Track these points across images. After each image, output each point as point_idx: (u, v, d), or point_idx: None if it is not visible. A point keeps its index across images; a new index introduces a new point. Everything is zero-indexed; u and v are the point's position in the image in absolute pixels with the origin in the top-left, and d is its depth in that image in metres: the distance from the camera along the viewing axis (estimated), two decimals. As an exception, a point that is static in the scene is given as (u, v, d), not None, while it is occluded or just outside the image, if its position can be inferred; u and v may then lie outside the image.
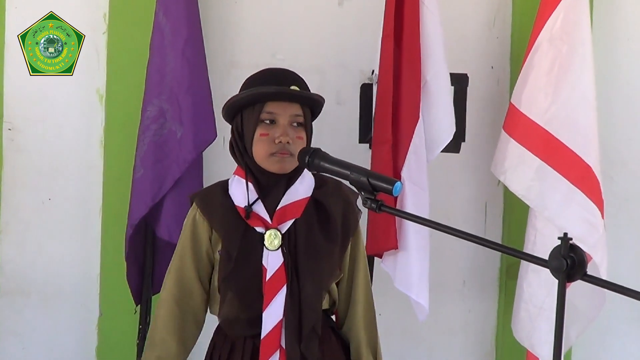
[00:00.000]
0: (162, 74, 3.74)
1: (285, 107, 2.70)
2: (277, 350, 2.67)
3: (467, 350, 4.37)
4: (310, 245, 2.71)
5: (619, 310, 4.21)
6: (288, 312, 2.67)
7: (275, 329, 2.67)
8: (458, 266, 4.30)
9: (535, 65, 3.86)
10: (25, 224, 4.05)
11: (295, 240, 2.71)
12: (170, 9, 3.73)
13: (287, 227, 2.71)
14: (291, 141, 2.67)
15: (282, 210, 2.71)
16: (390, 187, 2.37)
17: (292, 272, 2.69)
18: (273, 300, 2.67)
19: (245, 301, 2.70)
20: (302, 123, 2.72)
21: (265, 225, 2.70)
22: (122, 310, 3.95)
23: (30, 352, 4.06)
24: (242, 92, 2.75)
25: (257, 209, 2.71)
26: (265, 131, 2.69)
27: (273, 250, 2.68)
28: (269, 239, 2.69)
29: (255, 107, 2.71)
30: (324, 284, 2.74)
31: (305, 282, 2.69)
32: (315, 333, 2.71)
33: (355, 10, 4.19)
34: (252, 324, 2.69)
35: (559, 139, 3.78)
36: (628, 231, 4.33)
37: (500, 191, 4.32)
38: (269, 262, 2.68)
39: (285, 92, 2.70)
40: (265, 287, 2.67)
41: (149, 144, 3.72)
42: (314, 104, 2.77)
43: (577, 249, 1.94)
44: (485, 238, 2.22)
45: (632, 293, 1.88)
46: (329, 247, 2.73)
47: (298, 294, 2.68)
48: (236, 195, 2.74)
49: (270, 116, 2.69)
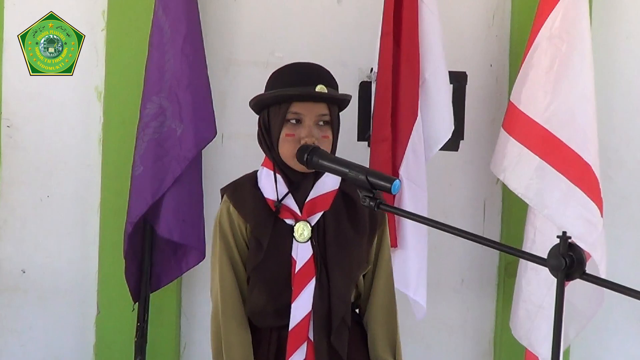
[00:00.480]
0: (161, 71, 3.74)
1: (311, 108, 2.71)
2: (305, 342, 2.70)
3: (466, 349, 4.37)
4: (339, 237, 2.73)
5: (617, 309, 4.21)
6: (317, 304, 2.69)
7: (304, 320, 2.70)
8: (456, 264, 4.30)
9: (534, 63, 3.85)
10: (23, 221, 4.05)
11: (325, 232, 2.73)
12: (170, 6, 3.73)
13: (317, 219, 2.74)
14: (317, 141, 2.69)
15: (312, 203, 2.73)
16: (388, 185, 2.37)
17: (321, 264, 2.71)
18: (302, 292, 2.70)
19: (273, 292, 2.72)
20: (328, 122, 2.73)
21: (295, 218, 2.73)
22: (120, 308, 3.95)
23: (28, 349, 4.06)
24: (267, 93, 2.76)
25: (287, 202, 2.74)
26: (291, 131, 2.70)
27: (303, 242, 2.71)
28: (298, 231, 2.72)
29: (282, 106, 2.72)
30: (353, 275, 2.76)
31: (334, 273, 2.71)
32: (345, 324, 2.74)
33: (354, 8, 4.19)
34: (280, 315, 2.71)
35: (559, 137, 3.77)
36: (626, 230, 4.33)
37: (498, 189, 4.32)
38: (299, 254, 2.71)
39: (310, 94, 2.71)
40: (295, 279, 2.70)
41: (149, 142, 3.72)
42: (339, 102, 2.78)
43: (576, 248, 1.94)
44: (483, 236, 2.22)
45: (630, 292, 1.88)
46: (358, 239, 2.76)
47: (327, 285, 2.71)
48: (266, 188, 2.76)
49: (296, 116, 2.71)
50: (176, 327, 4.10)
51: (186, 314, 4.13)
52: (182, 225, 3.75)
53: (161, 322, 3.99)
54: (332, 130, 2.74)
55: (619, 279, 2.25)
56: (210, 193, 3.97)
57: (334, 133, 2.75)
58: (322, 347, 2.69)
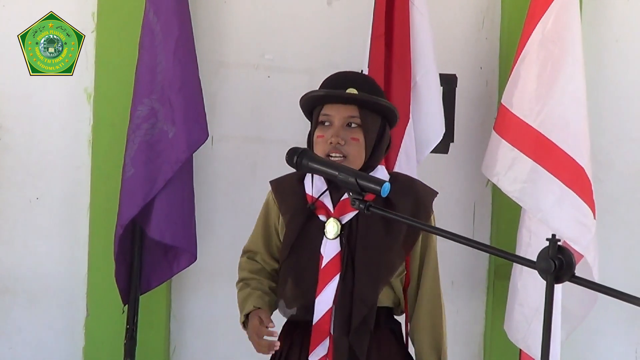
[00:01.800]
0: (152, 73, 3.73)
1: (339, 109, 2.77)
2: (327, 337, 2.73)
3: (455, 351, 4.35)
4: (370, 239, 2.75)
5: (607, 311, 4.21)
6: (338, 301, 2.71)
7: (326, 315, 2.72)
8: (446, 267, 4.25)
9: (526, 66, 3.85)
10: (12, 222, 4.04)
11: (356, 232, 2.75)
12: (161, 8, 3.72)
13: (349, 218, 2.76)
14: (342, 142, 2.73)
15: (346, 202, 2.73)
16: (378, 188, 2.37)
17: (347, 262, 2.73)
18: (325, 288, 2.73)
19: (301, 286, 2.76)
20: (359, 125, 2.76)
21: (328, 214, 2.77)
22: (110, 310, 3.94)
23: (17, 352, 4.05)
24: (306, 93, 2.83)
25: (323, 199, 2.78)
26: (322, 133, 2.77)
27: (331, 239, 2.75)
28: (327, 228, 2.75)
29: (317, 109, 2.80)
30: (380, 278, 2.76)
31: (359, 274, 2.73)
32: (366, 326, 2.73)
33: (345, 10, 4.19)
34: (308, 310, 2.74)
35: (552, 140, 3.78)
36: (616, 232, 4.33)
37: (488, 192, 4.32)
38: (326, 250, 2.74)
39: (332, 95, 2.77)
40: (320, 274, 2.74)
41: (140, 144, 3.71)
42: (373, 106, 2.79)
43: (565, 251, 1.94)
44: (473, 239, 2.22)
45: (620, 295, 1.88)
46: (390, 242, 2.77)
47: (351, 284, 2.73)
48: (308, 185, 2.82)
49: (326, 118, 2.78)
50: (166, 330, 4.09)
51: (176, 316, 4.12)
52: (174, 227, 3.74)
53: (151, 324, 3.98)
54: (365, 135, 2.77)
55: (608, 282, 2.25)
56: (200, 195, 3.97)
57: (367, 138, 2.77)
58: (342, 344, 2.71)
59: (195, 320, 4.13)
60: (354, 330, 2.71)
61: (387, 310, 2.85)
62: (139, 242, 3.81)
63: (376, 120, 2.81)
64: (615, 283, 2.17)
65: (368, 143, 2.78)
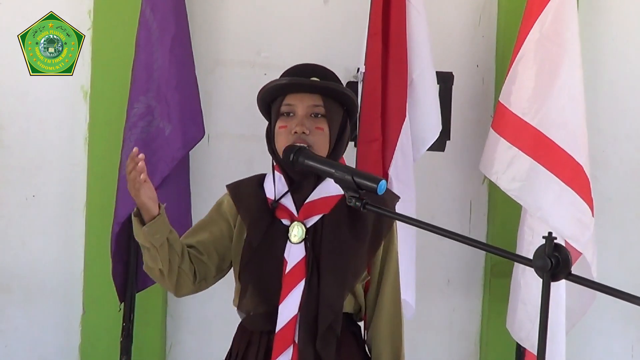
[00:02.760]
0: (149, 71, 3.73)
1: (303, 98, 2.67)
2: (291, 346, 2.62)
3: (451, 349, 4.38)
4: (336, 243, 2.66)
5: (604, 309, 4.21)
6: (304, 308, 2.61)
7: (290, 323, 2.62)
8: (442, 265, 4.30)
9: (524, 64, 3.85)
10: (8, 220, 4.04)
11: (321, 236, 2.66)
12: (158, 5, 3.72)
13: (314, 221, 2.67)
14: (307, 131, 2.64)
15: (310, 205, 2.67)
16: (375, 185, 2.36)
17: (312, 267, 2.64)
18: (290, 294, 2.62)
19: (263, 293, 2.66)
20: (324, 114, 2.68)
21: (292, 218, 2.67)
22: (106, 308, 3.94)
23: (13, 349, 4.05)
24: (264, 85, 2.74)
25: (285, 202, 2.68)
26: (284, 123, 2.67)
27: (296, 243, 2.65)
28: (292, 232, 2.65)
29: (277, 101, 2.71)
30: (346, 283, 2.66)
31: (325, 278, 2.63)
32: (332, 332, 2.64)
33: (340, 8, 4.19)
34: (270, 318, 2.64)
35: (550, 138, 3.77)
36: (612, 231, 4.34)
37: (485, 190, 4.33)
38: (290, 255, 2.64)
39: (297, 83, 2.68)
40: (284, 280, 2.63)
41: (136, 141, 3.70)
42: (335, 94, 2.71)
43: (562, 248, 1.94)
44: (470, 237, 2.22)
45: (616, 293, 1.88)
46: (356, 246, 2.68)
47: (317, 290, 2.63)
48: (268, 188, 2.73)
49: (288, 108, 2.68)
50: (162, 327, 4.09)
51: (172, 314, 4.12)
52: (170, 225, 3.74)
53: (147, 322, 3.98)
54: (329, 124, 2.68)
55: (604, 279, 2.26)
56: (195, 193, 3.97)
57: (331, 128, 2.69)
58: (308, 353, 2.61)
59: (191, 318, 4.13)
60: (320, 337, 2.61)
61: (348, 316, 2.74)
62: (135, 240, 3.80)
63: (339, 111, 2.73)
64: (611, 281, 2.17)
65: (332, 133, 2.69)
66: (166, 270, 2.65)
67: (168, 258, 2.63)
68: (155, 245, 2.60)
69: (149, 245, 2.61)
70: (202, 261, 2.71)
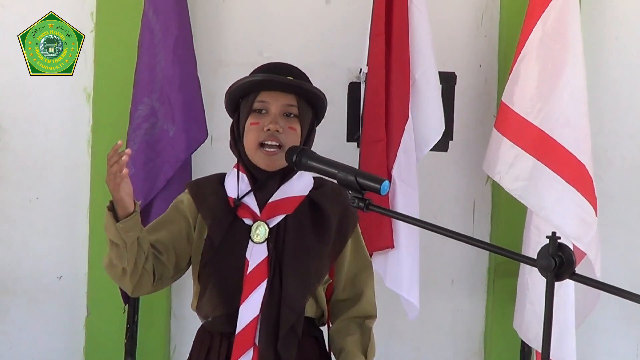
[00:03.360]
0: (152, 72, 3.73)
1: (277, 97, 2.64)
2: (251, 348, 2.57)
3: (455, 349, 4.37)
4: (299, 243, 2.61)
5: (607, 309, 4.21)
6: (265, 309, 2.56)
7: (251, 325, 2.57)
8: (446, 265, 4.30)
9: (527, 64, 3.85)
10: (11, 222, 4.04)
11: (284, 237, 2.62)
12: (160, 7, 3.73)
13: (277, 222, 2.63)
14: (281, 130, 2.60)
15: (273, 205, 2.63)
16: (377, 186, 2.36)
17: (274, 268, 2.59)
18: (251, 295, 2.57)
19: (224, 293, 2.61)
20: (297, 115, 2.65)
21: (254, 218, 2.63)
22: (110, 309, 3.94)
23: (17, 351, 4.05)
24: (236, 82, 2.70)
25: (248, 201, 2.64)
26: (256, 120, 2.63)
27: (258, 243, 2.60)
28: (255, 232, 2.61)
29: (250, 97, 2.66)
30: (309, 284, 2.62)
31: (288, 279, 2.59)
32: (294, 334, 2.60)
33: (343, 8, 4.19)
34: (231, 320, 2.59)
35: (553, 137, 3.77)
36: (615, 230, 4.33)
37: (488, 190, 4.32)
38: (252, 255, 2.59)
39: (274, 80, 2.64)
40: (245, 281, 2.58)
41: (140, 143, 3.71)
42: (308, 95, 2.68)
43: (566, 248, 1.94)
44: (473, 237, 2.21)
45: (620, 292, 1.88)
46: (319, 248, 2.63)
47: (279, 291, 2.58)
48: (230, 187, 2.69)
49: (262, 105, 2.64)
50: (166, 329, 4.09)
51: (176, 315, 4.12)
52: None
53: (151, 323, 3.98)
54: (301, 125, 2.65)
55: (607, 279, 2.25)
56: (199, 194, 3.96)
57: (303, 129, 2.66)
58: (268, 355, 2.56)
59: (195, 319, 4.10)
60: (282, 338, 2.56)
61: (310, 320, 2.69)
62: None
63: (310, 113, 2.70)
64: (615, 280, 2.17)
65: (303, 135, 2.66)
66: (130, 269, 2.57)
67: (135, 257, 2.56)
68: (126, 242, 2.53)
69: (119, 242, 2.53)
70: (160, 260, 2.63)
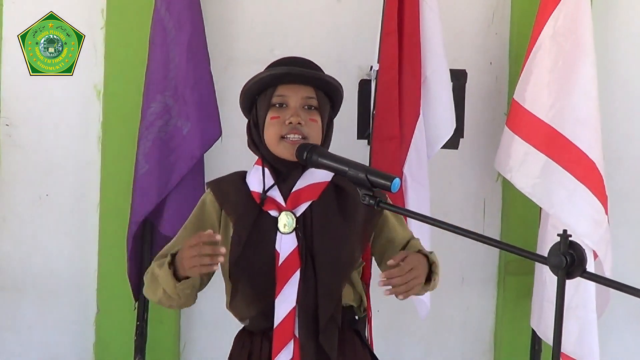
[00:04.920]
0: (166, 69, 3.73)
1: (296, 90, 2.63)
2: (291, 340, 2.54)
3: (466, 347, 4.37)
4: (327, 228, 2.59)
5: (617, 307, 4.20)
6: (302, 299, 2.53)
7: (289, 317, 2.53)
8: (457, 263, 4.30)
9: (538, 61, 3.85)
10: (22, 219, 4.04)
11: (312, 224, 2.59)
12: (173, 4, 3.72)
13: (303, 210, 2.60)
14: (302, 122, 2.60)
15: (297, 193, 2.62)
16: (388, 183, 2.36)
17: (306, 256, 2.56)
18: (285, 286, 2.54)
19: (257, 289, 2.58)
20: (316, 107, 2.65)
21: (279, 209, 2.61)
22: (120, 306, 3.94)
23: (27, 348, 4.06)
24: (252, 79, 2.69)
25: (272, 193, 2.62)
26: (276, 114, 2.62)
27: (286, 233, 2.58)
28: (282, 222, 2.59)
29: (267, 92, 2.65)
30: (343, 270, 2.59)
31: (321, 266, 2.55)
32: (334, 323, 2.57)
33: (353, 6, 4.19)
34: (267, 316, 2.56)
35: (565, 135, 3.77)
36: (625, 228, 4.33)
37: (498, 187, 4.32)
38: (282, 246, 2.57)
39: (292, 73, 2.63)
40: (278, 273, 2.55)
41: (154, 140, 3.71)
42: (327, 87, 2.67)
43: (577, 246, 1.93)
44: (484, 235, 2.21)
45: (630, 290, 1.87)
46: (349, 232, 2.60)
47: (314, 279, 2.54)
48: (253, 182, 2.67)
49: (281, 99, 2.63)
50: (176, 326, 4.09)
51: (186, 312, 4.13)
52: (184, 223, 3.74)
53: (161, 320, 3.99)
54: (321, 117, 2.65)
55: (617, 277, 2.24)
56: (209, 192, 3.97)
57: (323, 120, 2.65)
58: (310, 346, 2.53)
59: (205, 316, 4.13)
60: (322, 329, 2.53)
61: (349, 310, 2.67)
62: (148, 239, 3.81)
63: (328, 105, 2.70)
64: (624, 278, 2.16)
65: (323, 127, 2.66)
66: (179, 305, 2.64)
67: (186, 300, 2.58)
68: (181, 297, 2.54)
69: (174, 296, 2.54)
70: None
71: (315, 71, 2.67)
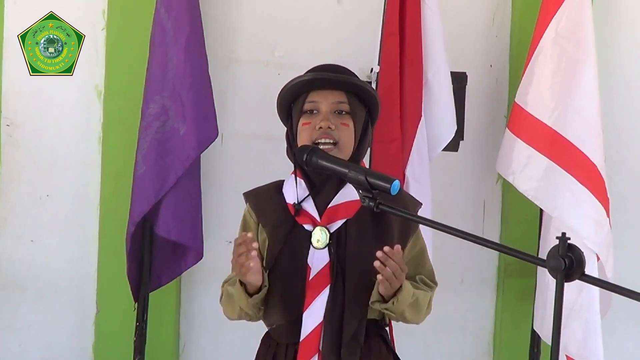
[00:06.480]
0: (164, 70, 3.73)
1: (326, 95, 2.64)
2: (316, 354, 2.55)
3: (465, 349, 4.37)
4: (361, 248, 2.58)
5: (617, 310, 4.19)
6: (328, 315, 2.55)
7: (315, 332, 2.55)
8: (456, 265, 4.29)
9: (540, 64, 3.84)
10: (22, 219, 4.05)
11: (345, 242, 2.59)
12: (172, 4, 3.72)
13: (337, 226, 2.60)
14: (333, 126, 2.60)
15: (333, 209, 2.61)
16: (388, 185, 2.36)
17: (337, 273, 2.56)
18: (314, 301, 2.56)
19: (287, 301, 2.59)
20: (348, 112, 2.64)
21: (314, 223, 2.60)
22: (120, 307, 3.95)
23: (27, 348, 4.06)
24: (284, 86, 2.70)
25: (307, 207, 2.62)
26: (308, 120, 2.63)
27: (319, 248, 2.58)
28: (315, 237, 2.59)
29: (299, 100, 2.66)
30: (371, 290, 2.57)
31: (350, 285, 2.56)
32: (357, 341, 2.57)
33: (354, 7, 4.19)
34: (294, 328, 2.58)
35: (567, 138, 3.76)
36: (626, 231, 4.32)
37: (498, 190, 4.32)
38: (314, 261, 2.57)
39: (321, 78, 2.64)
40: (308, 287, 2.56)
41: (151, 141, 3.71)
42: (358, 91, 2.67)
43: (575, 249, 1.94)
44: (483, 237, 2.21)
45: (629, 293, 1.87)
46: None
47: (342, 297, 2.56)
48: (288, 193, 2.67)
49: (312, 105, 2.64)
50: (175, 327, 4.09)
51: (186, 313, 4.13)
52: (180, 224, 3.75)
53: (160, 321, 3.99)
54: (354, 122, 2.64)
55: (617, 280, 2.25)
56: (209, 193, 3.97)
57: (356, 125, 2.65)
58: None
59: (204, 317, 4.13)
60: (345, 345, 2.54)
61: (375, 322, 2.67)
62: (148, 240, 3.81)
63: (363, 111, 2.68)
64: (625, 281, 2.16)
65: (356, 131, 2.65)
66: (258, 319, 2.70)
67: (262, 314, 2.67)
68: (255, 310, 2.62)
69: (250, 312, 2.62)
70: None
71: (344, 75, 2.67)
